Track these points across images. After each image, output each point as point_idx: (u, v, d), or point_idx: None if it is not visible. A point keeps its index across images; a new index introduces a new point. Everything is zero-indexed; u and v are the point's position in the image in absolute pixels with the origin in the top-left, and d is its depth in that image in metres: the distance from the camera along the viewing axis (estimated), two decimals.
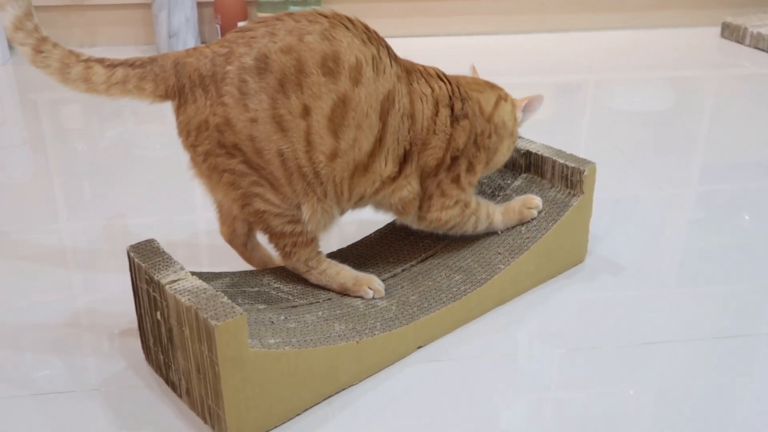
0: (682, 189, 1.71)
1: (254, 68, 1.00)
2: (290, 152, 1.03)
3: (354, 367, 1.05)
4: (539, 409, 1.03)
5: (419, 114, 1.12)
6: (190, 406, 1.00)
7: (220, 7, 2.67)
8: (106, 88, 1.04)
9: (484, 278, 1.19)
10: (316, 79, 1.01)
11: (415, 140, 1.13)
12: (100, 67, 1.04)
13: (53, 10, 2.69)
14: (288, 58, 1.00)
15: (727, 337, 1.17)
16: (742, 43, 2.85)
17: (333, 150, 1.05)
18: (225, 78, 1.00)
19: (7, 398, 1.04)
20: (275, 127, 1.01)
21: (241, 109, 1.00)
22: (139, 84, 1.04)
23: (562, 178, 1.32)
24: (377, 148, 1.09)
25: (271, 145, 1.02)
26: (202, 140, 1.04)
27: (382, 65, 1.07)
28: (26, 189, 1.73)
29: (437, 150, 1.15)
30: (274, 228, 1.10)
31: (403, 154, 1.12)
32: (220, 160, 1.04)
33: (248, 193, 1.06)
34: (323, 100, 1.02)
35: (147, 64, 1.05)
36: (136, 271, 1.03)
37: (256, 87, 1.00)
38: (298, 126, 1.02)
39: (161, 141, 2.01)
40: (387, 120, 1.08)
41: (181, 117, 1.05)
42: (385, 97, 1.07)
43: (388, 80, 1.08)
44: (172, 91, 1.04)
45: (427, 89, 1.13)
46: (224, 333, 0.87)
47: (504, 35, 2.92)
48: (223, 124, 1.01)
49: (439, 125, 1.14)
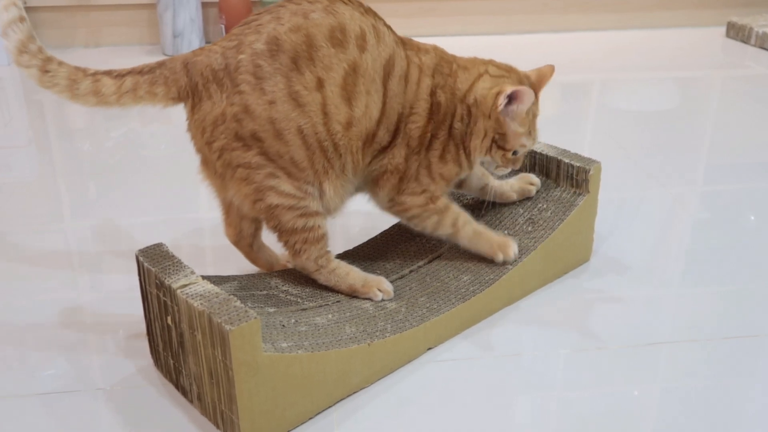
0: (687, 189, 1.71)
1: (267, 51, 1.02)
2: (309, 127, 1.05)
3: (365, 369, 1.05)
4: (545, 408, 1.03)
5: (411, 77, 1.13)
6: (202, 412, 1.00)
7: (224, 8, 2.67)
8: (117, 98, 1.04)
9: (492, 279, 1.19)
10: (326, 51, 1.04)
11: (405, 104, 1.13)
12: (108, 79, 1.04)
13: (58, 11, 2.70)
14: (298, 35, 1.03)
15: (732, 337, 1.17)
16: (747, 43, 2.84)
17: (348, 118, 1.07)
18: (239, 67, 1.02)
19: (12, 397, 1.05)
20: (293, 104, 1.03)
21: (259, 93, 1.02)
22: (151, 89, 1.04)
23: (567, 177, 1.32)
24: (382, 115, 1.11)
25: (291, 124, 1.04)
26: (218, 135, 1.05)
27: (381, 33, 1.10)
28: (32, 189, 1.74)
29: (419, 118, 1.15)
30: (285, 224, 1.10)
31: (395, 122, 1.13)
32: (235, 153, 1.05)
33: (262, 187, 1.07)
34: (335, 71, 1.05)
35: (155, 68, 1.05)
36: (145, 276, 1.02)
37: (270, 69, 1.02)
38: (314, 99, 1.04)
39: (166, 141, 2.01)
40: (388, 84, 1.10)
41: (196, 115, 1.05)
42: (387, 62, 1.10)
43: (389, 45, 1.11)
44: (184, 92, 1.05)
45: (416, 58, 1.15)
46: (238, 337, 0.87)
47: (509, 35, 2.93)
48: (242, 112, 1.03)
49: (421, 93, 1.14)
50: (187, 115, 1.08)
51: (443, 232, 1.22)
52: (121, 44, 2.79)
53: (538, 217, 1.30)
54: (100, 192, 1.72)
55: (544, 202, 1.33)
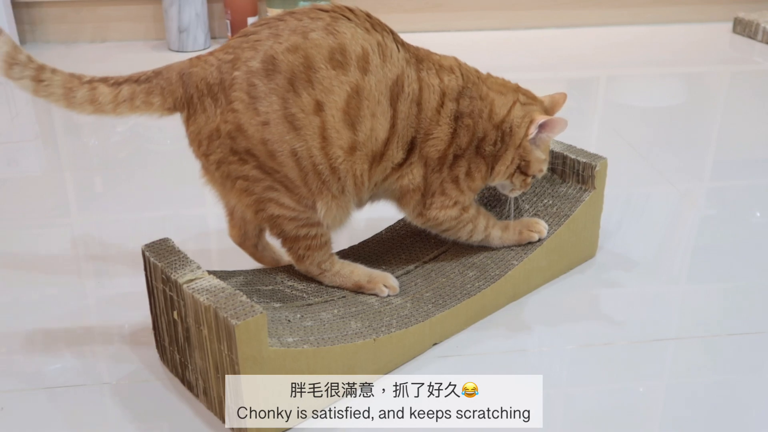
0: (693, 185, 1.70)
1: (262, 71, 1.00)
2: (304, 150, 1.02)
3: (371, 364, 1.05)
4: (551, 404, 1.02)
5: (426, 103, 1.11)
6: (208, 406, 1.00)
7: (230, 3, 2.67)
8: (114, 107, 1.03)
9: (497, 274, 1.19)
10: (326, 74, 1.01)
11: (420, 128, 1.12)
12: (104, 87, 1.02)
13: (65, 6, 2.70)
14: (295, 56, 1.00)
15: (738, 333, 1.17)
16: (754, 39, 2.83)
17: (352, 143, 1.05)
18: (233, 84, 1.00)
19: (19, 391, 1.05)
20: (288, 126, 1.01)
21: (252, 113, 1.00)
22: (147, 99, 1.03)
23: (573, 173, 1.32)
24: (392, 135, 1.09)
25: (284, 146, 1.02)
26: (214, 149, 1.04)
27: (388, 51, 1.07)
28: (38, 183, 1.74)
29: (439, 142, 1.13)
30: (288, 232, 1.10)
31: (410, 141, 1.12)
32: (233, 167, 1.04)
33: (262, 199, 1.06)
34: (336, 94, 1.02)
35: (152, 78, 1.04)
36: (151, 271, 1.02)
37: (265, 89, 1.00)
38: (311, 123, 1.01)
39: (172, 135, 2.01)
40: (397, 106, 1.08)
41: (191, 127, 1.05)
42: (394, 82, 1.07)
43: (396, 65, 1.07)
44: (180, 103, 1.04)
45: (435, 80, 1.11)
46: (244, 332, 0.87)
47: (515, 30, 2.92)
48: (235, 130, 1.01)
49: (443, 118, 1.12)
50: (183, 124, 1.07)
51: (476, 239, 1.24)
52: (127, 39, 2.79)
53: (544, 212, 1.30)
54: (106, 186, 1.72)
55: (549, 198, 1.33)
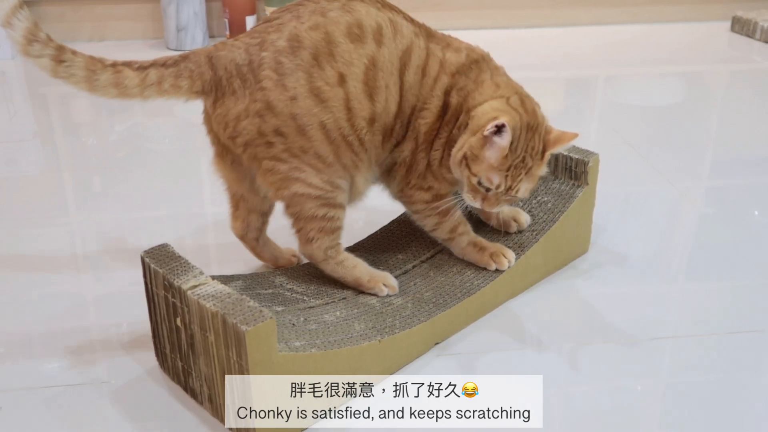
0: (692, 183, 1.70)
1: (288, 48, 1.03)
2: (332, 122, 1.05)
3: (376, 366, 1.05)
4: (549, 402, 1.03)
5: (429, 70, 1.12)
6: (213, 413, 0.99)
7: (228, 1, 2.66)
8: (141, 90, 1.03)
9: (496, 272, 1.19)
10: (345, 47, 1.05)
11: (420, 98, 1.13)
12: (129, 71, 1.02)
13: (62, 4, 2.69)
14: (317, 33, 1.04)
15: (736, 332, 1.17)
16: (752, 38, 2.83)
17: (371, 114, 1.08)
18: (262, 64, 1.03)
19: (18, 390, 1.05)
20: (314, 100, 1.04)
21: (281, 89, 1.03)
22: (176, 82, 1.04)
23: (566, 169, 1.33)
24: (399, 110, 1.11)
25: (313, 119, 1.04)
26: (240, 130, 1.05)
27: (398, 25, 1.11)
28: (37, 182, 1.74)
29: (429, 114, 1.13)
30: (306, 211, 1.10)
31: (408, 116, 1.13)
32: (260, 149, 1.06)
33: (289, 177, 1.08)
34: (356, 65, 1.05)
35: (180, 62, 1.05)
36: (152, 277, 1.00)
37: (291, 66, 1.03)
38: (336, 95, 1.05)
39: (171, 135, 2.01)
40: (404, 76, 1.10)
41: (219, 110, 1.05)
42: (404, 53, 1.10)
43: (406, 36, 1.11)
44: (208, 86, 1.05)
45: (440, 53, 1.13)
46: (254, 338, 0.87)
47: (514, 29, 2.92)
48: (264, 108, 1.03)
49: (436, 90, 1.13)
50: (208, 109, 1.07)
51: (439, 236, 1.23)
52: (125, 38, 2.79)
53: (538, 209, 1.30)
54: (104, 186, 1.72)
55: (543, 195, 1.34)
